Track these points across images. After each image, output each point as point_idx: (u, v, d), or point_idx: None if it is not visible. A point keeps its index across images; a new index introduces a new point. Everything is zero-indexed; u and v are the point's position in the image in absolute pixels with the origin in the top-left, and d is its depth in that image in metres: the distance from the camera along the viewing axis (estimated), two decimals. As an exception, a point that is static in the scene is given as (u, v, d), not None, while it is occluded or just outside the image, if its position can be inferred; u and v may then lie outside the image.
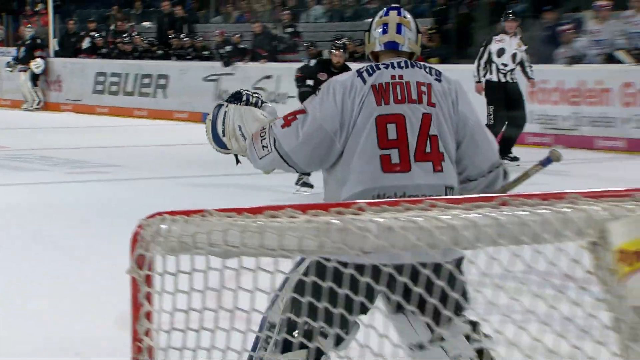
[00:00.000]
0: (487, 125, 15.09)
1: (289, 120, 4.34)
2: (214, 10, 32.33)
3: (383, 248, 2.53)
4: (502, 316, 2.86)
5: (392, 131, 4.19)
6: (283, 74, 24.36)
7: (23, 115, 28.36)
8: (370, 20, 4.63)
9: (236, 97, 4.83)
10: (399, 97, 4.25)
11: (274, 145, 4.30)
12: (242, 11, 30.90)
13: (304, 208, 2.57)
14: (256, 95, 4.86)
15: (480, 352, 4.01)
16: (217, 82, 25.52)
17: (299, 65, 13.33)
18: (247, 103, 4.79)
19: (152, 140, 21.59)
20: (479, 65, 15.95)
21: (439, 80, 4.35)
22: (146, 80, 27.62)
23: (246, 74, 25.09)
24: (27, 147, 19.49)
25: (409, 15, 4.55)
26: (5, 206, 12.20)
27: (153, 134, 23.36)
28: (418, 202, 2.68)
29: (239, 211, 2.54)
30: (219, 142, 4.80)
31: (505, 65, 15.62)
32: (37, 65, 29.42)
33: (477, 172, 4.43)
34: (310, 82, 12.33)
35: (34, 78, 29.56)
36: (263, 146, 4.37)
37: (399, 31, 4.42)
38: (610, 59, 18.88)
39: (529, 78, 16.00)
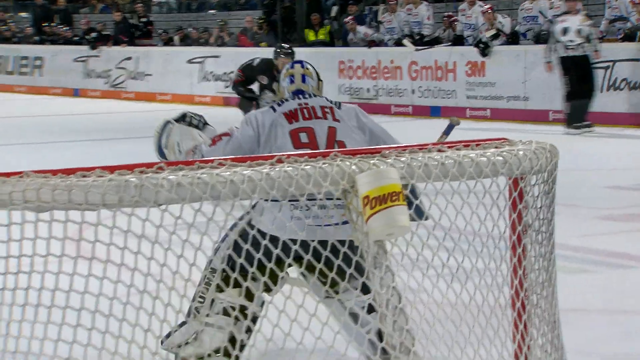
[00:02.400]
0: (565, 96, 14.86)
1: (215, 140, 4.42)
2: (82, 2, 31.79)
3: (175, 201, 2.51)
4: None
5: (304, 137, 4.24)
6: (141, 56, 24.16)
7: None
8: (212, 11, 4.77)
9: (181, 118, 4.88)
10: (306, 116, 4.31)
11: None
12: (106, 3, 30.47)
13: (111, 169, 2.53)
14: (198, 117, 4.90)
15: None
16: (85, 63, 25.21)
17: (243, 64, 10.61)
18: (189, 124, 4.84)
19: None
20: (549, 48, 15.22)
21: (339, 107, 4.40)
22: (24, 62, 27.04)
23: (110, 56, 24.82)
24: None
25: (310, 67, 4.66)
26: None
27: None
28: (209, 161, 2.67)
29: (54, 172, 2.48)
30: (160, 152, 4.82)
31: (571, 41, 14.87)
32: None
33: None
34: (253, 87, 10.43)
35: None
36: None
37: (303, 80, 4.53)
38: (398, 44, 19.15)
39: (595, 50, 15.08)
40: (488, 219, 2.94)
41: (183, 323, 3.98)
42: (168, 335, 3.85)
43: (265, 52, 21.18)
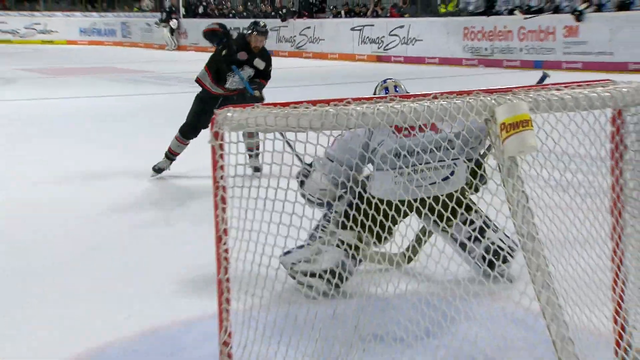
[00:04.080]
0: None
1: (333, 142, 3.97)
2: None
3: (360, 125, 2.50)
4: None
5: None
6: (317, 26, 24.12)
7: (165, 53, 28.28)
8: None
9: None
10: None
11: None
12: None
13: (314, 102, 2.54)
14: None
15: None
16: (278, 31, 25.42)
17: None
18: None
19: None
20: None
21: None
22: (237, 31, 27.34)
23: (295, 26, 24.97)
24: (167, 71, 19.55)
25: (399, 81, 4.28)
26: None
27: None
28: (383, 97, 2.65)
29: (275, 104, 2.51)
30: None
31: None
32: (174, 23, 29.86)
33: None
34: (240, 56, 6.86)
35: (172, 31, 29.86)
36: None
37: (395, 90, 4.19)
38: (511, 13, 18.54)
39: None
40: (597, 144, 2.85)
41: (301, 246, 3.73)
42: (286, 253, 3.68)
43: (408, 21, 21.28)
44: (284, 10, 26.02)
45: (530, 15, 18.14)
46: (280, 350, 2.78)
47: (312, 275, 3.74)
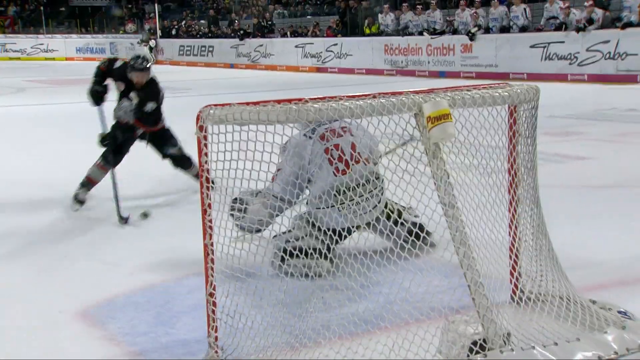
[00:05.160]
0: None
1: (273, 178, 3.53)
2: (234, 13, 31.51)
3: (317, 119, 2.46)
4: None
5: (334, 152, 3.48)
6: (268, 44, 23.85)
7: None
8: (309, 17, 4.16)
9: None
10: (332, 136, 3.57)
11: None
12: (247, 14, 30.10)
13: (279, 101, 2.48)
14: None
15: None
16: (237, 48, 25.13)
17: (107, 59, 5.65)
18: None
19: (205, 77, 21.19)
20: None
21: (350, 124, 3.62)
22: (203, 49, 26.94)
23: (251, 44, 24.67)
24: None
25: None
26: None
27: (206, 74, 22.83)
28: (333, 97, 2.61)
29: (247, 103, 2.45)
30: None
31: None
32: (152, 42, 29.29)
33: None
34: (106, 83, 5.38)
35: (150, 49, 29.29)
36: None
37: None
38: (420, 34, 18.60)
39: None
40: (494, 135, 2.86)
41: (288, 231, 3.47)
42: (275, 237, 3.45)
43: (341, 40, 21.26)
44: (242, 32, 25.74)
45: (435, 36, 18.30)
46: (254, 297, 2.74)
47: (301, 252, 3.35)
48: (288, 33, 25.08)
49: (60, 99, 14.24)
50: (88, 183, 5.27)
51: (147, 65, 5.29)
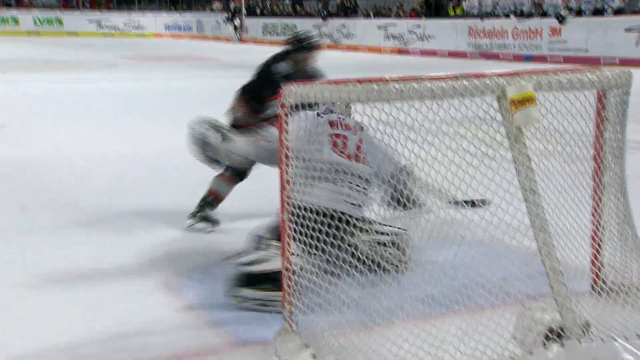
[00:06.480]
0: None
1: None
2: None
3: (398, 99, 2.45)
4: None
5: (340, 142, 3.25)
6: (351, 24, 23.73)
7: (231, 45, 28.11)
8: None
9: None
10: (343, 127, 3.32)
11: None
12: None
13: (360, 81, 2.49)
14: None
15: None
16: (319, 27, 25.12)
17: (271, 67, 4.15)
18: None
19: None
20: None
21: (362, 128, 3.33)
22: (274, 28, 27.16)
23: (333, 24, 24.64)
24: (232, 59, 19.45)
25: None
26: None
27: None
28: (414, 78, 2.59)
29: (330, 82, 2.47)
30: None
31: None
32: (237, 21, 29.59)
33: None
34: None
35: (235, 28, 29.71)
36: None
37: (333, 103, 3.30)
38: (507, 16, 18.09)
39: None
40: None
41: (253, 250, 3.05)
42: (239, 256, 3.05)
43: (424, 22, 20.86)
44: (325, 12, 25.73)
45: (522, 19, 17.75)
46: (330, 275, 2.76)
47: (262, 277, 2.95)
48: (371, 14, 24.91)
49: (151, 75, 14.70)
50: (214, 200, 4.23)
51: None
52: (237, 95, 4.27)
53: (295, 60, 4.19)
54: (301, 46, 4.22)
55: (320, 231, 2.57)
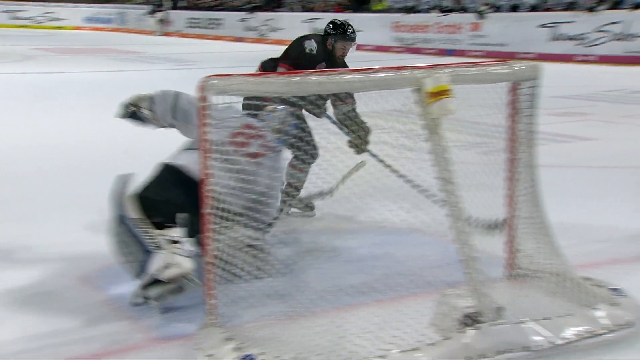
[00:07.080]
0: None
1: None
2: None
3: (317, 92, 2.47)
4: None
5: None
6: (277, 19, 23.65)
7: (154, 38, 27.42)
8: None
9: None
10: None
11: None
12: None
13: (282, 74, 2.49)
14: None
15: None
16: (245, 22, 24.92)
17: (304, 40, 4.20)
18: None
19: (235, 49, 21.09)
20: None
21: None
22: (213, 21, 26.70)
23: (259, 18, 24.51)
24: (154, 52, 19.06)
25: None
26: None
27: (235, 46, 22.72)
28: (336, 71, 2.61)
29: (247, 75, 2.47)
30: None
31: None
32: (161, 14, 29.08)
33: None
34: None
35: (160, 21, 29.15)
36: None
37: None
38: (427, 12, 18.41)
39: None
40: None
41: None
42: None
43: (349, 15, 21.11)
44: (251, 5, 25.56)
45: (444, 14, 18.17)
46: (252, 267, 2.76)
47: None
48: (297, 7, 24.91)
49: (69, 68, 14.23)
50: (294, 190, 3.84)
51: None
52: (266, 65, 4.19)
53: (331, 46, 4.20)
54: (341, 32, 4.23)
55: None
